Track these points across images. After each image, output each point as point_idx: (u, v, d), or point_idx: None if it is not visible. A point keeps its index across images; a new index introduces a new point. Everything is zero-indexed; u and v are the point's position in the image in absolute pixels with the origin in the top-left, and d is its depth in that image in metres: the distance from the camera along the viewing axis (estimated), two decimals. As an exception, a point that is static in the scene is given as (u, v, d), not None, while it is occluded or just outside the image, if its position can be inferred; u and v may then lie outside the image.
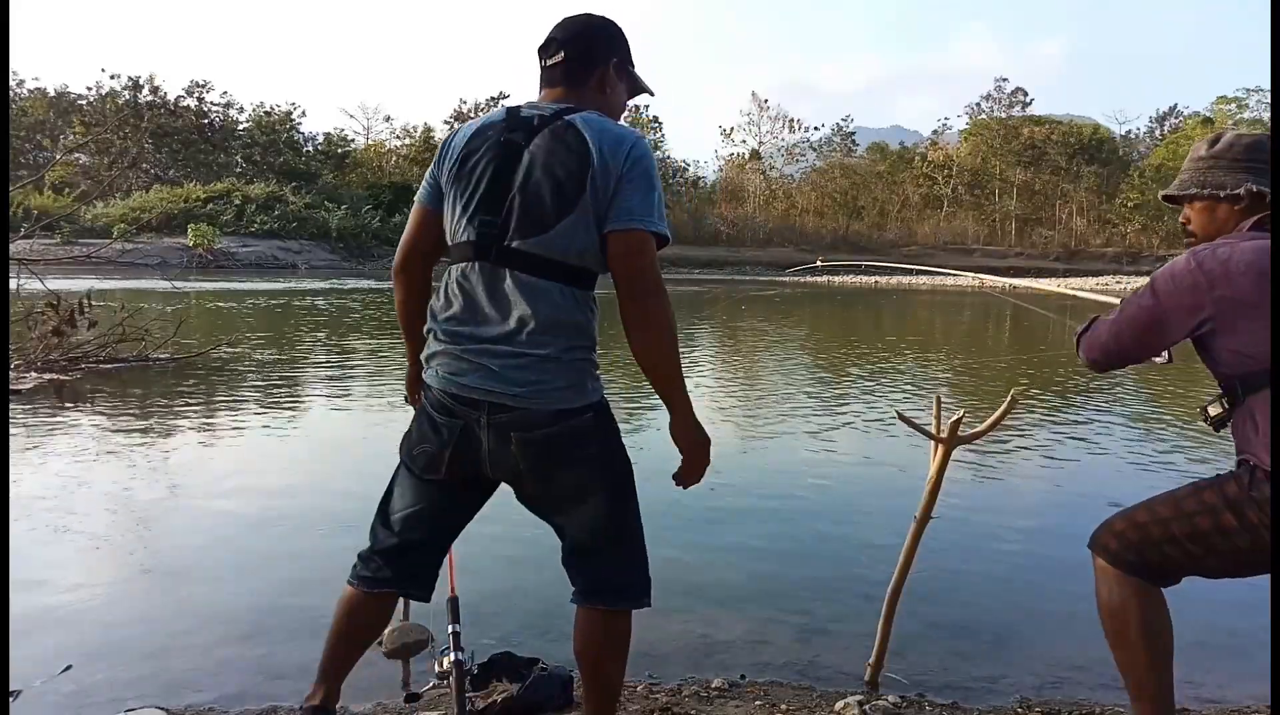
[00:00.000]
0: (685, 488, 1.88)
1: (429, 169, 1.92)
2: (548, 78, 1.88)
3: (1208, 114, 62.04)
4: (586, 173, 1.70)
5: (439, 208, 1.88)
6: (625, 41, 1.93)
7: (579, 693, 2.45)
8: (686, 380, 1.79)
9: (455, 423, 1.77)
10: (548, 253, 1.72)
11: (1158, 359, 2.08)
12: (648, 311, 1.71)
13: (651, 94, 2.05)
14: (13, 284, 9.35)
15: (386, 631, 2.25)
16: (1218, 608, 3.21)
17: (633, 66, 1.95)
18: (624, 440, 1.88)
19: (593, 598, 1.85)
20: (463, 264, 1.79)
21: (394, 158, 61.41)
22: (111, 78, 56.60)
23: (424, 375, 1.85)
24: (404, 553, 1.90)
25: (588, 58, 1.87)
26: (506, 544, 3.63)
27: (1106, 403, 8.57)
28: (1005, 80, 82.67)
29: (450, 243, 1.83)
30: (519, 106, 1.85)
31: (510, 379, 1.71)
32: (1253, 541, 1.83)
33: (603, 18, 1.93)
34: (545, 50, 1.88)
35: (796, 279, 41.24)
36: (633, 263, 1.70)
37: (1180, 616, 2.00)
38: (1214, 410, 1.94)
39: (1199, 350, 1.93)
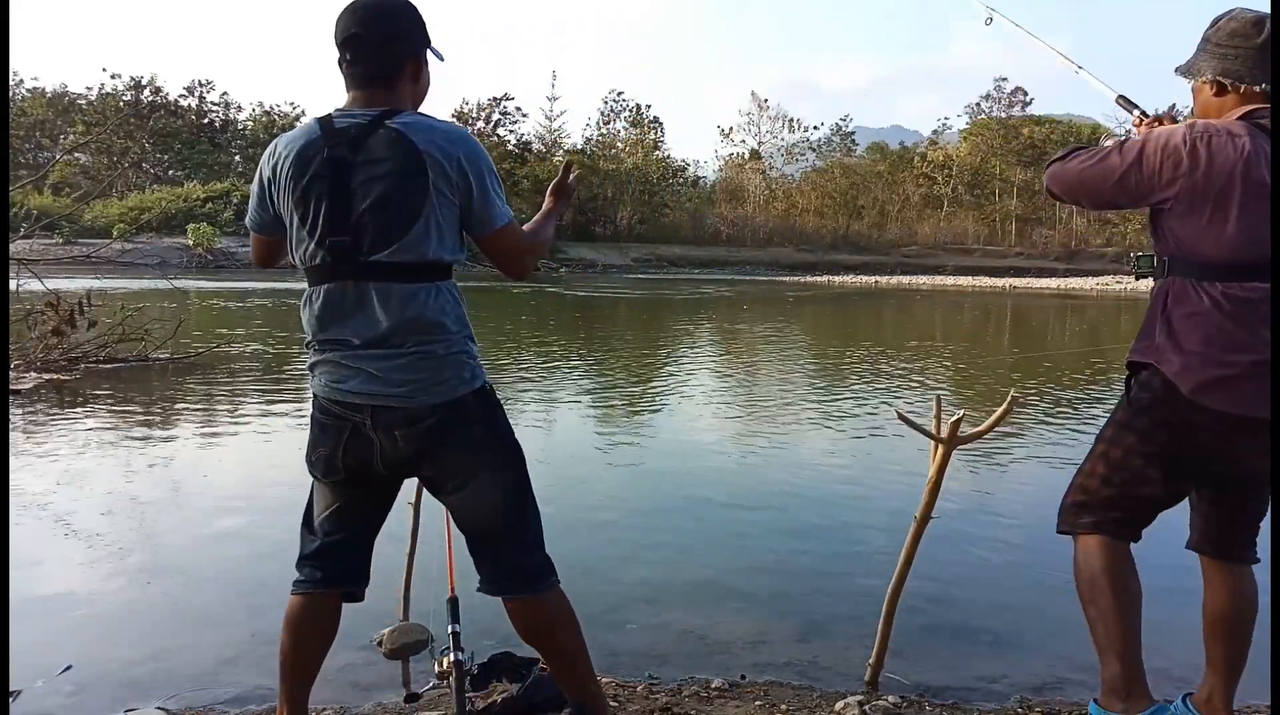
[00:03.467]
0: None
1: (253, 196, 1.89)
2: (355, 78, 1.77)
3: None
4: (426, 180, 1.71)
5: (278, 234, 1.88)
6: (423, 20, 1.83)
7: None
8: (684, 379, 1.80)
9: (343, 425, 1.83)
10: (403, 259, 1.74)
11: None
12: (525, 268, 1.96)
13: (441, 58, 1.88)
14: (13, 284, 9.35)
15: (386, 631, 2.25)
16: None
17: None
18: (624, 442, 1.88)
19: (512, 588, 1.89)
20: (323, 284, 1.79)
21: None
22: (113, 77, 56.87)
23: (310, 382, 1.88)
24: (328, 553, 1.97)
25: (396, 49, 1.77)
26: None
27: (1105, 401, 8.57)
28: (1005, 80, 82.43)
29: (304, 267, 1.81)
30: (330, 116, 1.77)
31: (389, 381, 1.76)
32: (1163, 446, 1.92)
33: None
34: (348, 47, 1.75)
35: (797, 279, 41.36)
36: (513, 255, 1.90)
37: (1181, 615, 1.99)
38: (1144, 265, 2.05)
39: (1150, 221, 1.97)
